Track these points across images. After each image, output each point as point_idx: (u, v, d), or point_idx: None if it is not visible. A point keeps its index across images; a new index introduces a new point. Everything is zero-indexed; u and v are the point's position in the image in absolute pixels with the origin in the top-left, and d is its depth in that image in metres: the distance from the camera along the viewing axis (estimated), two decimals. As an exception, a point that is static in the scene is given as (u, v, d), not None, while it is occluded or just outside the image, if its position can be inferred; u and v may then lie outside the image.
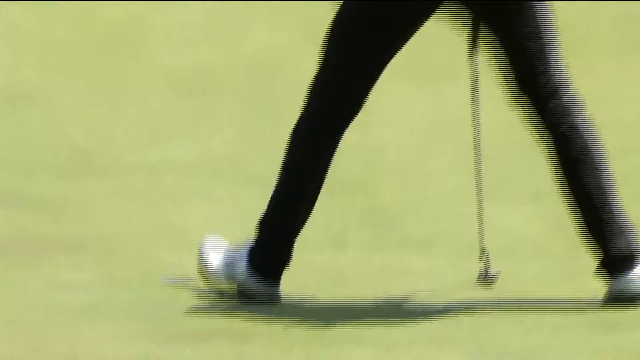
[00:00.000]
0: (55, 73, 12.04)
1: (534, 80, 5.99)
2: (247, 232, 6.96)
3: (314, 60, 7.81)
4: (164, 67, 11.19)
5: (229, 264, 6.11)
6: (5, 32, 12.05)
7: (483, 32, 5.93)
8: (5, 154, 9.21)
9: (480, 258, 6.13)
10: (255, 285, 6.11)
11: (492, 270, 6.12)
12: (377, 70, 6.02)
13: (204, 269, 6.15)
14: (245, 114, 10.47)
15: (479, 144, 6.15)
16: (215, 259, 6.13)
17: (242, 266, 6.08)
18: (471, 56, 5.97)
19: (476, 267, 6.43)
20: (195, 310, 6.03)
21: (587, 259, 6.68)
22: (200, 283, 6.38)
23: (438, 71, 9.82)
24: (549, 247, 7.40)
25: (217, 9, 12.95)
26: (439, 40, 11.46)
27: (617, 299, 6.06)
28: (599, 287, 6.29)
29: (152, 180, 8.78)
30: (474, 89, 6.03)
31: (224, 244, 6.21)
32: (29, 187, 8.55)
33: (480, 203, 6.25)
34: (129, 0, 13.46)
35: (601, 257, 6.01)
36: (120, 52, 11.10)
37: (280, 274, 6.18)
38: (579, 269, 6.88)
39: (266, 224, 6.15)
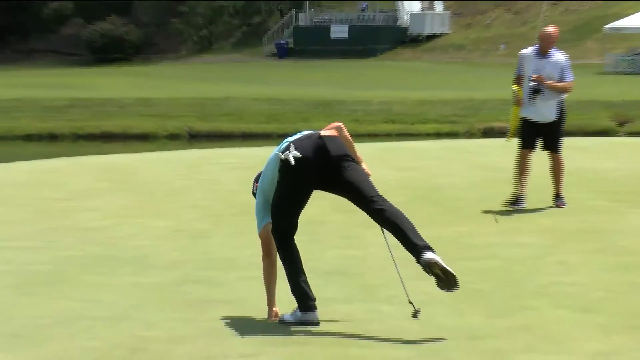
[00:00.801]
0: (218, 222, 12.13)
1: (371, 201, 7.30)
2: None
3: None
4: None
5: (294, 315, 7.49)
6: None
7: (336, 193, 7.46)
8: (191, 269, 9.53)
9: (410, 303, 7.34)
10: (305, 316, 7.44)
11: (417, 310, 7.31)
12: (296, 203, 7.42)
13: (284, 320, 7.54)
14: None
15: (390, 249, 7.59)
16: (288, 318, 7.51)
17: (298, 313, 7.47)
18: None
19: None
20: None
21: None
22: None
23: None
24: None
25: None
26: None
27: (428, 265, 7.11)
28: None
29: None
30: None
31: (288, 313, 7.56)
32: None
33: (400, 277, 7.52)
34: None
35: (415, 255, 7.14)
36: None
37: (314, 307, 7.42)
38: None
39: (292, 290, 7.48)
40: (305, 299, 7.46)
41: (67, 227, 11.99)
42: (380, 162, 18.60)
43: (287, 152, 7.38)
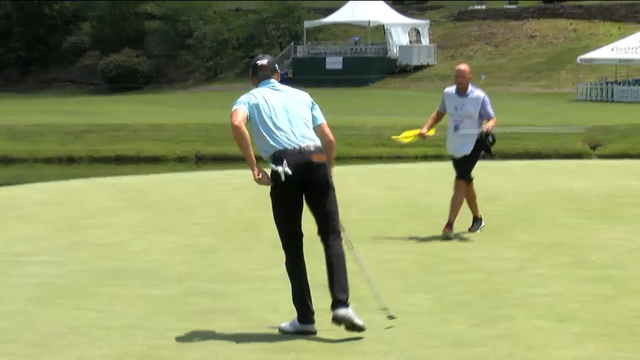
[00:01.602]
0: (224, 237, 12.06)
1: (327, 232, 7.40)
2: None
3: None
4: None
5: (292, 324, 7.43)
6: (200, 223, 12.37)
7: (310, 206, 7.38)
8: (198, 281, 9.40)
9: (384, 309, 7.53)
10: (304, 327, 7.39)
11: (391, 314, 7.53)
12: (292, 215, 7.36)
13: (283, 329, 7.46)
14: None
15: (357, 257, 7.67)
16: (288, 327, 7.44)
17: (297, 322, 7.42)
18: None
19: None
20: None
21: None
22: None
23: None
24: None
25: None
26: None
27: (337, 320, 7.21)
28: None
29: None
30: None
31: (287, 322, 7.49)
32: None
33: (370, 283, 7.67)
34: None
35: (332, 303, 7.24)
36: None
37: (313, 320, 7.38)
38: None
39: (293, 300, 7.45)
40: (305, 311, 7.41)
41: (83, 243, 11.95)
42: (371, 182, 18.58)
43: (281, 167, 7.28)
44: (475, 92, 12.16)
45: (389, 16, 67.03)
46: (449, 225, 12.04)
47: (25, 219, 14.18)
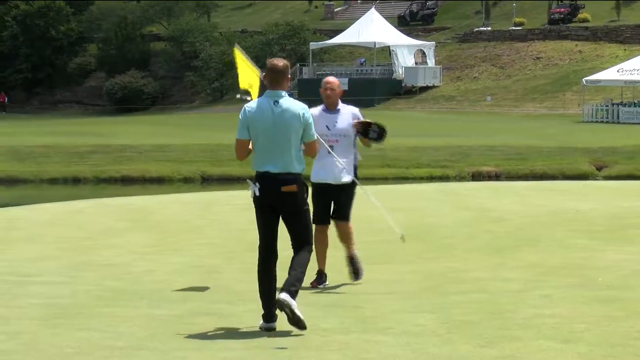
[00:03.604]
0: (228, 258, 12.10)
1: (302, 244, 7.90)
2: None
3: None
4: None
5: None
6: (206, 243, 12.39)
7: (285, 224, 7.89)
8: (203, 302, 9.33)
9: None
10: (265, 325, 7.95)
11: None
12: (269, 229, 7.89)
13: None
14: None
15: None
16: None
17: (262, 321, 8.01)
18: None
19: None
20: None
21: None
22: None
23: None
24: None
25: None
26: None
27: (279, 304, 7.68)
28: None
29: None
30: None
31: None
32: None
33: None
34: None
35: (282, 288, 7.72)
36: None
37: (273, 320, 7.92)
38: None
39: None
40: (266, 312, 7.96)
41: (89, 263, 11.96)
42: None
43: (253, 186, 7.90)
44: (347, 107, 10.37)
45: (394, 38, 67.19)
46: (321, 276, 10.25)
47: (30, 240, 14.19)
